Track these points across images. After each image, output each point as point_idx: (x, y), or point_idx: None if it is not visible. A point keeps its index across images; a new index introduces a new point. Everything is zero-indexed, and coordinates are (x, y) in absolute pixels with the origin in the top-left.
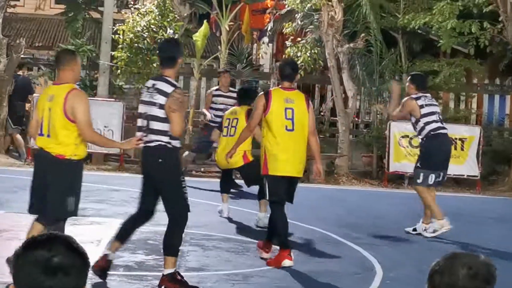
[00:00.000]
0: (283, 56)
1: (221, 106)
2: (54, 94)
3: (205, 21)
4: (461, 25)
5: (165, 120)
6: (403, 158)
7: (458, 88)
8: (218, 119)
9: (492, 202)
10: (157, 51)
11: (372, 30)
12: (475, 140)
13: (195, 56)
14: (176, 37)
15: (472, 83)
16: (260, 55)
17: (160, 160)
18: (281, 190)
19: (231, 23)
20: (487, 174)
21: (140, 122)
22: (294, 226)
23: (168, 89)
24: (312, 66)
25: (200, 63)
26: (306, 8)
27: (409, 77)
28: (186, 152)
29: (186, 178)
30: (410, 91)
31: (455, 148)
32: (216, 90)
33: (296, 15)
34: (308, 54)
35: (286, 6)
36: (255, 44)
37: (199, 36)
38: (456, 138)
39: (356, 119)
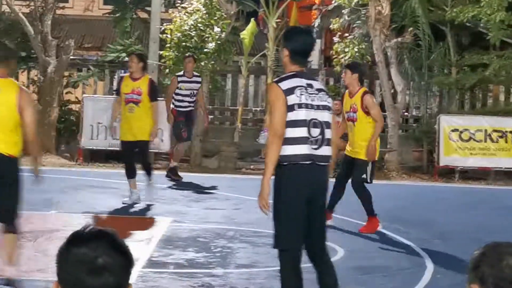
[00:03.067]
0: (331, 52)
1: (187, 92)
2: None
3: (252, 19)
4: (510, 17)
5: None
6: (453, 152)
7: (508, 80)
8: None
9: None
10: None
11: (420, 24)
12: None
13: (242, 54)
14: (223, 35)
15: None
16: None
17: (327, 180)
18: None
19: (279, 20)
20: None
21: (312, 132)
22: (344, 221)
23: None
24: (360, 61)
25: (248, 61)
26: (353, 3)
27: None
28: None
29: (236, 176)
30: None
31: (506, 142)
32: (181, 76)
33: (343, 10)
34: (355, 49)
35: (333, 1)
36: None
37: (247, 34)
38: (506, 131)
39: (406, 113)
